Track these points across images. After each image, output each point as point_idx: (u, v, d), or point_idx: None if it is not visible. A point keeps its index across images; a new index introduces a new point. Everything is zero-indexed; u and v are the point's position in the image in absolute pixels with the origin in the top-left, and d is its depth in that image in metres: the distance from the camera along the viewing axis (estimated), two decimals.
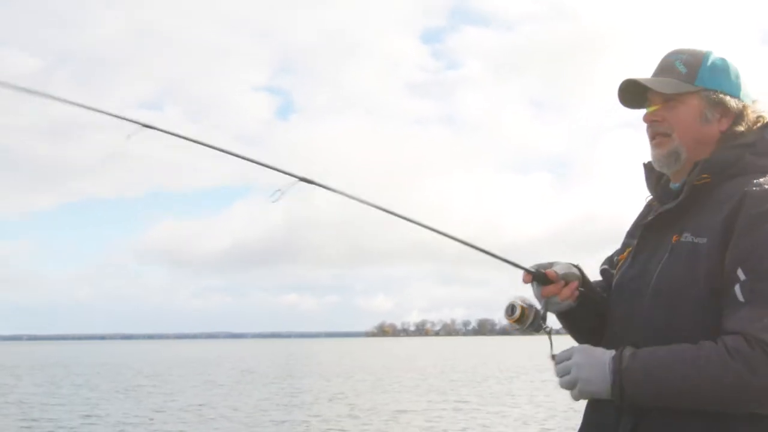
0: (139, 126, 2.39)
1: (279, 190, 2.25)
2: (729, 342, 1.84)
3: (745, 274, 1.88)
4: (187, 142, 2.43)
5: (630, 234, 2.32)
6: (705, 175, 2.02)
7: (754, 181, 1.97)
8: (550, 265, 2.20)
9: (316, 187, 2.33)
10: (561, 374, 2.03)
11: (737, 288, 1.88)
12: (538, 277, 2.17)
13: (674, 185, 2.15)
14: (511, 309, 2.14)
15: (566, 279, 2.18)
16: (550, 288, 2.16)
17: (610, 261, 2.40)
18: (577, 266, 2.24)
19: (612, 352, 1.98)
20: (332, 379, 33.84)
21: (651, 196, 2.28)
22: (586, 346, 2.06)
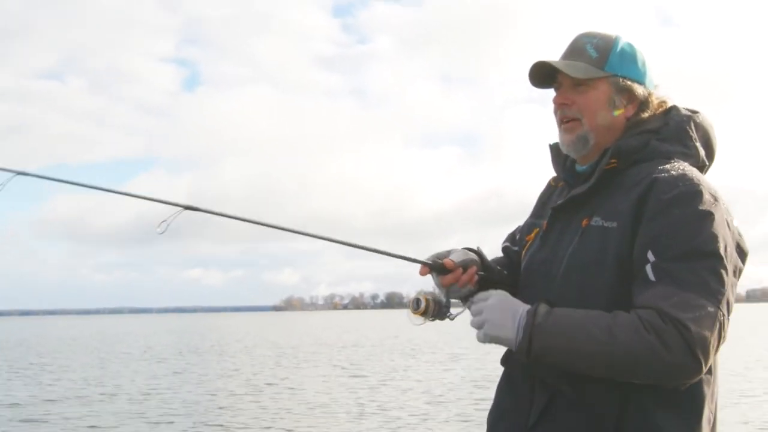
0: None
1: (164, 221, 2.24)
2: (643, 315, 1.86)
3: (655, 255, 1.90)
4: None
5: (536, 214, 2.36)
6: (613, 161, 2.06)
7: (660, 167, 2.00)
8: (448, 253, 2.23)
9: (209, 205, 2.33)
10: (475, 313, 2.04)
11: (648, 268, 1.90)
12: (436, 267, 2.19)
13: (581, 168, 2.18)
14: (416, 303, 2.17)
15: (464, 265, 2.21)
16: (449, 277, 2.19)
17: (512, 238, 2.46)
18: (475, 249, 2.29)
19: (525, 307, 1.99)
20: (231, 354, 33.34)
21: (554, 176, 2.32)
22: (506, 293, 2.07)
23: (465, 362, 25.07)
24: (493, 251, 2.46)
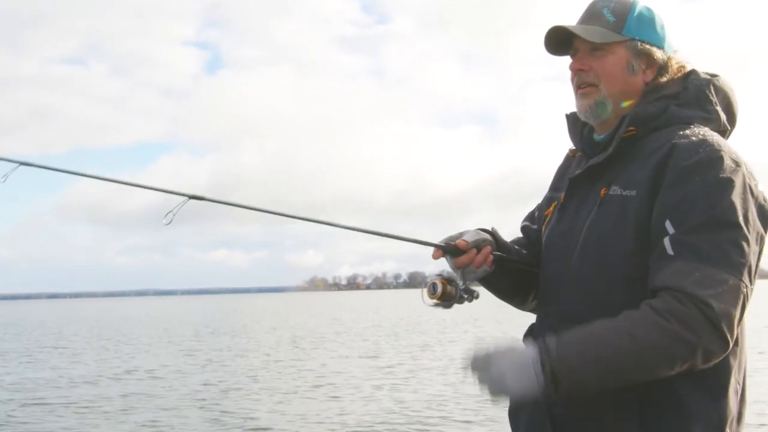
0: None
1: (171, 211, 2.26)
2: (657, 304, 1.81)
3: (674, 227, 1.86)
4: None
5: (554, 187, 2.32)
6: (631, 128, 2.02)
7: (680, 132, 1.97)
8: (460, 235, 2.20)
9: (222, 200, 2.40)
10: (481, 384, 1.87)
11: (666, 241, 1.86)
12: (449, 249, 2.17)
13: (598, 137, 2.14)
14: (432, 287, 2.13)
15: (477, 246, 2.18)
16: (463, 258, 2.17)
17: (531, 216, 2.42)
18: (489, 230, 2.26)
19: (533, 349, 1.85)
20: (248, 335, 33.19)
21: (571, 147, 2.29)
22: (502, 348, 1.90)
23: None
24: (513, 231, 2.45)
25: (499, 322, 31.90)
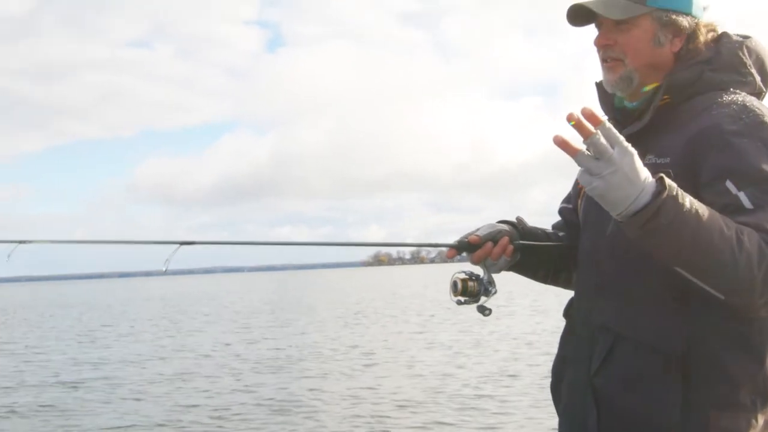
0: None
1: (167, 259, 2.35)
2: (766, 236, 1.76)
3: (738, 185, 1.84)
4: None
5: None
6: (666, 96, 2.01)
7: (718, 99, 1.96)
8: (476, 232, 2.20)
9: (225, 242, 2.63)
10: (586, 167, 1.74)
11: (742, 196, 1.83)
12: (462, 247, 2.18)
13: (630, 104, 2.11)
14: (454, 286, 2.14)
15: (492, 238, 2.17)
16: (479, 253, 2.17)
17: (567, 197, 2.41)
18: (510, 221, 2.27)
19: (654, 180, 1.76)
20: (310, 311, 33.50)
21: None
22: (631, 149, 1.75)
23: (537, 317, 24.39)
24: None
25: (557, 295, 31.56)
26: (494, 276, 2.18)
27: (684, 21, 2.04)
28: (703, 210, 1.75)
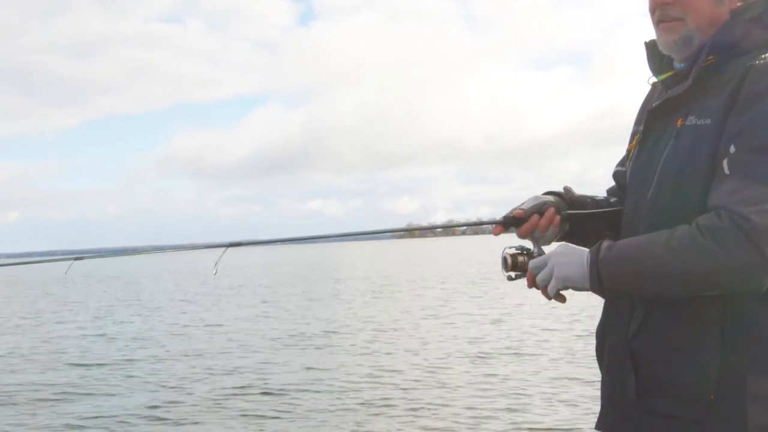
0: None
1: (216, 263, 2.40)
2: (701, 220, 1.82)
3: (736, 147, 1.84)
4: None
5: (637, 121, 2.28)
6: (711, 57, 1.97)
7: (762, 56, 1.90)
8: (521, 206, 2.22)
9: (254, 239, 2.61)
10: (540, 264, 2.05)
11: (725, 161, 1.85)
12: (508, 222, 2.20)
13: (679, 65, 2.09)
14: (504, 261, 2.14)
15: (538, 210, 2.19)
16: (525, 227, 2.19)
17: (622, 161, 2.36)
18: (557, 192, 2.28)
19: (589, 248, 1.98)
20: (344, 282, 33.31)
21: (654, 79, 2.23)
22: (564, 245, 2.07)
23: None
24: (610, 170, 2.43)
25: None
26: (545, 248, 2.17)
27: None
28: (633, 243, 1.92)
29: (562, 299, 2.06)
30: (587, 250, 1.98)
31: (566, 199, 2.27)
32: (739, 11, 2.00)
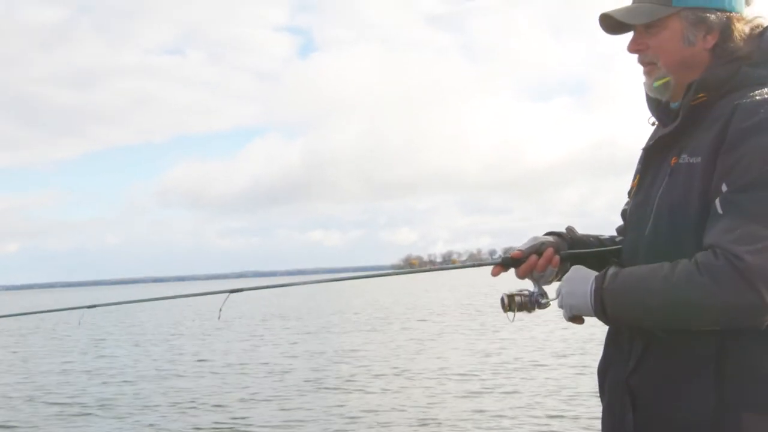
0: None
1: (220, 309, 2.62)
2: (700, 257, 1.85)
3: (728, 186, 1.87)
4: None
5: (640, 159, 2.29)
6: (701, 95, 2.01)
7: (749, 94, 1.95)
8: (520, 247, 2.26)
9: (258, 282, 2.30)
10: (556, 293, 2.10)
11: (718, 201, 1.88)
12: (506, 263, 2.23)
13: (674, 104, 2.14)
14: (501, 302, 2.18)
15: (537, 251, 2.22)
16: (523, 267, 2.22)
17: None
18: (558, 232, 2.32)
19: (599, 273, 2.02)
20: (323, 318, 32.99)
21: (654, 119, 2.26)
22: (580, 267, 2.09)
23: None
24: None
25: None
26: (547, 288, 2.21)
27: (713, 17, 2.02)
28: (636, 274, 1.93)
29: (578, 321, 2.09)
30: (593, 274, 2.03)
31: (567, 239, 2.30)
32: (726, 51, 2.03)
